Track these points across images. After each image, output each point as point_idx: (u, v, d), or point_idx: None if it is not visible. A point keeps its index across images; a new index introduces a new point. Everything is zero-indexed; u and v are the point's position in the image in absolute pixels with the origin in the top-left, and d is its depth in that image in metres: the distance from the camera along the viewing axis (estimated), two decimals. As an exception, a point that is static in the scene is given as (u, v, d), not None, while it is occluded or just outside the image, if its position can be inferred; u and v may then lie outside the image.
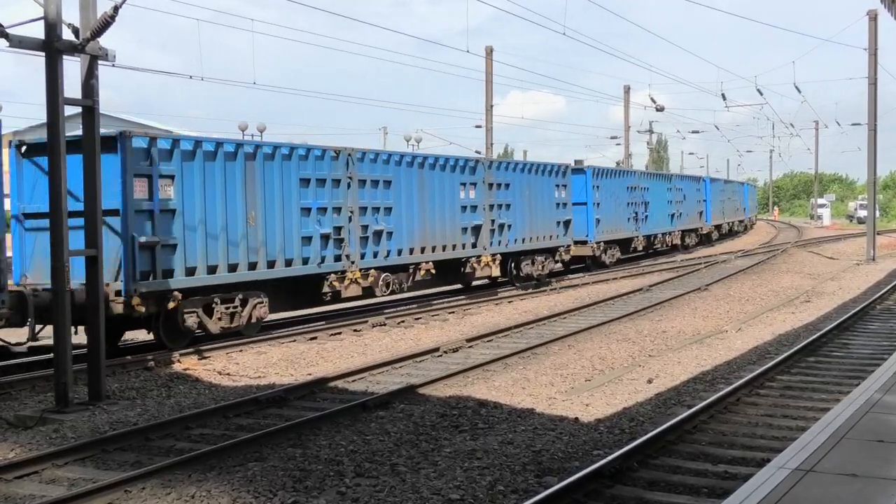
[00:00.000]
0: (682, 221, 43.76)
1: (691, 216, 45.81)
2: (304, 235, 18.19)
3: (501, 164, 26.23)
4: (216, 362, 15.35)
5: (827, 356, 14.43)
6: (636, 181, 37.10)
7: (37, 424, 11.05)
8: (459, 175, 23.54)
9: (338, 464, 8.98)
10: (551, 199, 28.14)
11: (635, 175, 37.68)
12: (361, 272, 19.65)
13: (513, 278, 26.83)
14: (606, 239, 33.16)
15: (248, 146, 17.08)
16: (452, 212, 23.15)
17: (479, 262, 24.24)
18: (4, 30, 11.15)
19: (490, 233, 24.65)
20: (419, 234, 21.75)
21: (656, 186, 39.59)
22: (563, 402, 11.70)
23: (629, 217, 35.75)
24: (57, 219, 11.74)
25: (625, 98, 52.75)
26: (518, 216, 26.12)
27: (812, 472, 6.27)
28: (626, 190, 35.45)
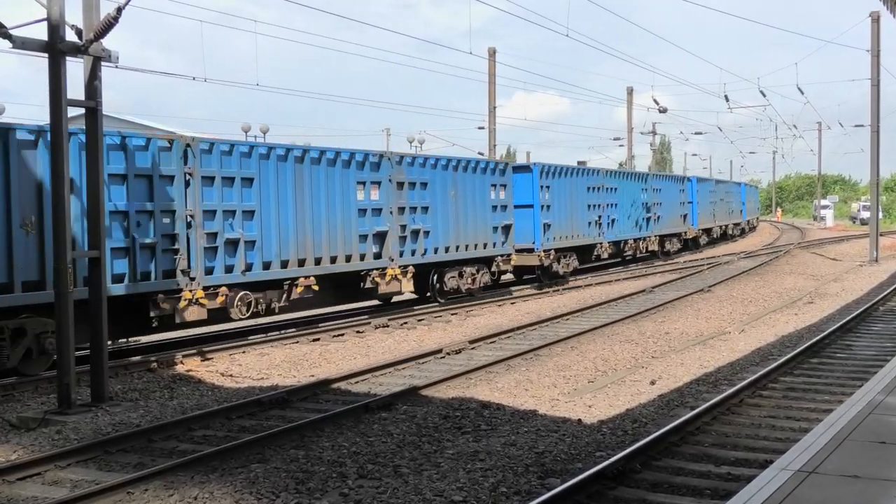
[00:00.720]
0: (661, 225, 39.36)
1: (673, 219, 41.58)
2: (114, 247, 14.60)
3: (416, 159, 22.15)
4: (219, 363, 15.36)
5: (830, 357, 14.41)
6: (600, 181, 32.65)
7: (39, 426, 11.07)
8: (357, 172, 19.86)
9: (340, 465, 8.98)
10: (486, 200, 24.50)
11: (599, 174, 32.97)
12: (207, 291, 16.19)
13: (435, 294, 23.16)
14: (560, 246, 28.91)
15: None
16: (347, 216, 19.46)
17: (384, 275, 20.54)
18: (7, 31, 11.17)
19: (400, 240, 20.95)
20: (296, 242, 18.11)
21: (627, 187, 35.22)
22: (566, 404, 11.69)
23: (591, 221, 31.42)
24: (60, 221, 11.75)
25: (628, 100, 52.73)
26: (440, 221, 22.40)
27: (814, 474, 6.26)
28: (586, 191, 31.17)
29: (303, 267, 18.28)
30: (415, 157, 22.21)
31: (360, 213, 19.89)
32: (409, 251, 21.27)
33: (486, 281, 24.62)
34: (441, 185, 22.54)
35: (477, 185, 24.10)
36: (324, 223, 18.79)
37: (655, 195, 38.72)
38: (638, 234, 36.53)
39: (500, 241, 25.16)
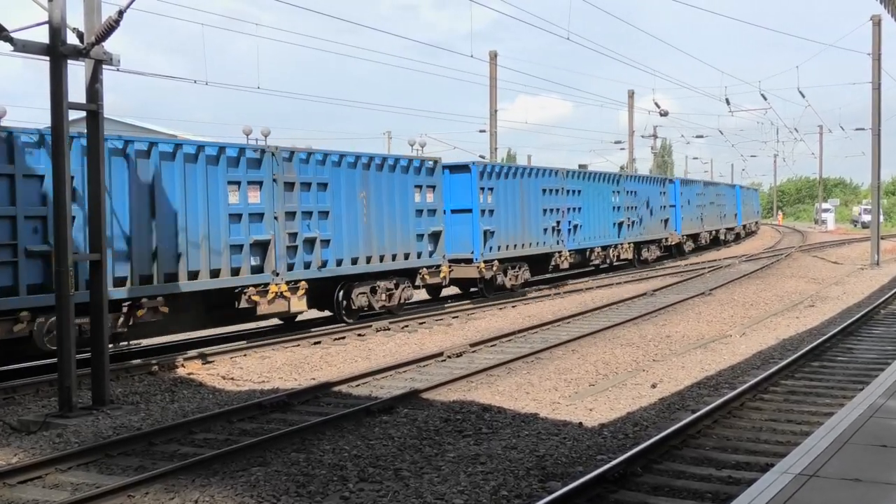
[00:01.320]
0: (637, 231, 36.06)
1: (652, 225, 38.11)
2: None
3: (313, 155, 18.91)
4: (220, 367, 15.36)
5: (831, 361, 14.40)
6: (558, 182, 29.16)
7: (40, 429, 11.07)
8: (230, 171, 16.92)
9: (341, 469, 8.98)
10: (408, 204, 21.40)
11: (557, 175, 29.27)
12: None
13: (341, 313, 19.78)
14: (506, 256, 25.77)
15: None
16: (216, 223, 16.55)
17: (266, 292, 17.51)
18: (9, 34, 11.18)
19: (288, 251, 18.04)
20: (141, 257, 15.21)
21: (594, 189, 31.86)
22: (567, 407, 11.68)
23: (547, 227, 28.11)
24: (61, 223, 11.76)
25: (629, 103, 52.77)
26: (345, 227, 19.38)
27: (815, 477, 6.26)
28: (540, 193, 27.83)
29: (147, 286, 15.37)
30: (311, 152, 18.95)
31: (232, 219, 16.89)
32: (301, 263, 18.32)
33: (406, 297, 21.45)
34: (347, 186, 19.51)
35: (396, 186, 21.02)
36: (182, 232, 15.96)
37: (630, 198, 35.33)
38: (608, 240, 33.04)
39: (428, 251, 22.09)
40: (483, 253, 24.49)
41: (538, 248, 27.85)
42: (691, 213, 45.34)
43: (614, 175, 34.84)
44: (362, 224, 19.98)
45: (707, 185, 51.92)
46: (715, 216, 51.34)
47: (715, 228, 51.18)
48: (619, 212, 34.29)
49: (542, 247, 28.05)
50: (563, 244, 29.19)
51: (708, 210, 49.17)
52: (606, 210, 33.14)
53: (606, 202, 33.15)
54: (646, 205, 37.21)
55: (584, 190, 31.02)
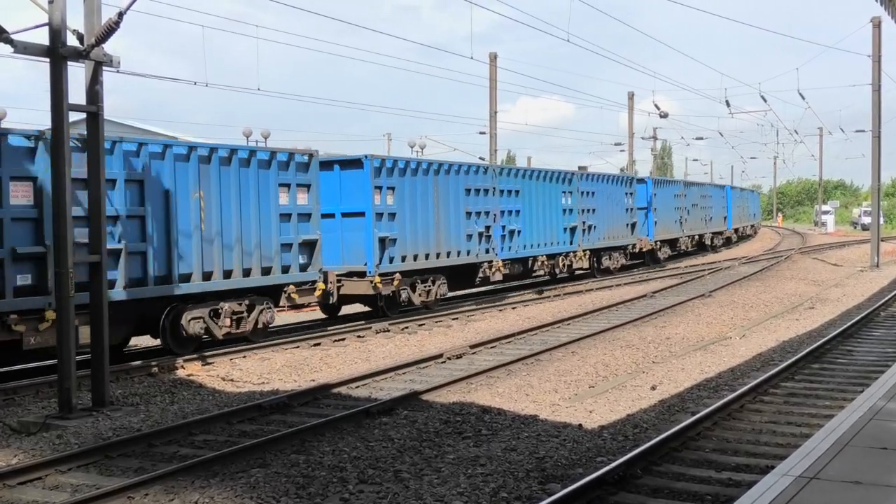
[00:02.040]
0: (595, 237, 32.16)
1: (615, 230, 34.13)
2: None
3: (119, 146, 15.03)
4: (220, 368, 15.36)
5: (831, 363, 14.40)
6: (487, 181, 25.08)
7: (40, 430, 11.07)
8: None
9: (341, 470, 8.98)
10: (270, 207, 17.85)
11: (486, 173, 25.36)
12: None
13: (168, 341, 16.17)
14: (414, 268, 22.19)
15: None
16: None
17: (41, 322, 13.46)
18: (9, 35, 11.19)
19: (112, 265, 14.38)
20: None
21: (537, 189, 28.08)
22: (567, 409, 11.68)
23: (472, 233, 24.33)
24: (61, 225, 11.76)
25: (629, 105, 52.77)
26: (176, 236, 15.82)
27: (816, 480, 6.25)
28: (464, 194, 24.04)
29: None
30: (126, 142, 15.41)
31: None
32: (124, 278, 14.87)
33: (266, 320, 17.75)
34: (179, 185, 15.96)
35: (251, 185, 17.41)
36: None
37: (586, 200, 31.39)
38: (557, 248, 29.33)
39: (298, 264, 18.56)
40: (379, 265, 20.81)
41: (459, 259, 23.88)
42: (668, 216, 41.32)
43: (564, 174, 30.33)
44: (197, 232, 16.24)
45: (689, 185, 47.65)
46: (699, 219, 47.44)
47: (699, 233, 47.45)
48: (571, 215, 30.27)
49: (464, 256, 24.11)
50: (494, 253, 25.24)
51: (690, 213, 45.14)
52: (554, 213, 29.21)
53: (555, 204, 29.19)
54: (606, 207, 33.11)
55: (524, 190, 27.21)
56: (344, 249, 20.99)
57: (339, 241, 20.91)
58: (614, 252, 34.55)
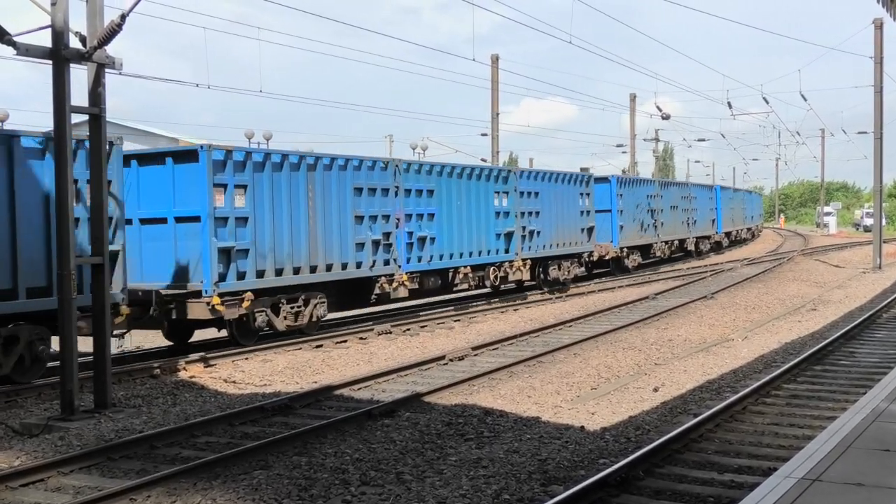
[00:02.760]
0: (539, 244, 27.47)
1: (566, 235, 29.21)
2: None
3: None
4: (222, 370, 15.36)
5: (833, 365, 14.38)
6: (386, 179, 20.85)
7: (42, 432, 11.07)
8: None
9: (343, 472, 8.97)
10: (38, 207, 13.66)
11: (384, 169, 20.91)
12: None
13: None
14: (274, 285, 17.72)
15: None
16: None
17: None
18: (12, 38, 11.21)
19: None
20: None
21: (461, 189, 23.64)
22: (569, 411, 11.68)
23: (364, 242, 19.99)
24: (63, 226, 11.78)
25: (630, 106, 52.82)
26: None
27: (818, 482, 6.25)
28: (352, 194, 19.68)
29: None
30: None
31: None
32: None
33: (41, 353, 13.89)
34: None
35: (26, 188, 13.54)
36: None
37: (527, 201, 26.86)
38: (487, 257, 24.78)
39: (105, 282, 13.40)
40: (221, 282, 16.54)
41: (346, 272, 19.55)
42: (637, 219, 36.60)
43: (498, 171, 26.18)
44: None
45: (667, 185, 42.98)
46: (680, 223, 42.92)
47: (680, 237, 42.84)
48: (506, 219, 25.67)
49: (353, 270, 19.73)
50: (395, 264, 20.96)
51: (668, 215, 40.71)
52: (484, 217, 24.71)
53: (484, 206, 24.72)
54: (556, 210, 28.50)
55: (441, 190, 22.81)
56: (178, 263, 16.80)
57: (171, 251, 16.80)
58: (565, 261, 29.36)
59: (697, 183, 54.87)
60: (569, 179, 29.90)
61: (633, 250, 36.41)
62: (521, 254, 26.28)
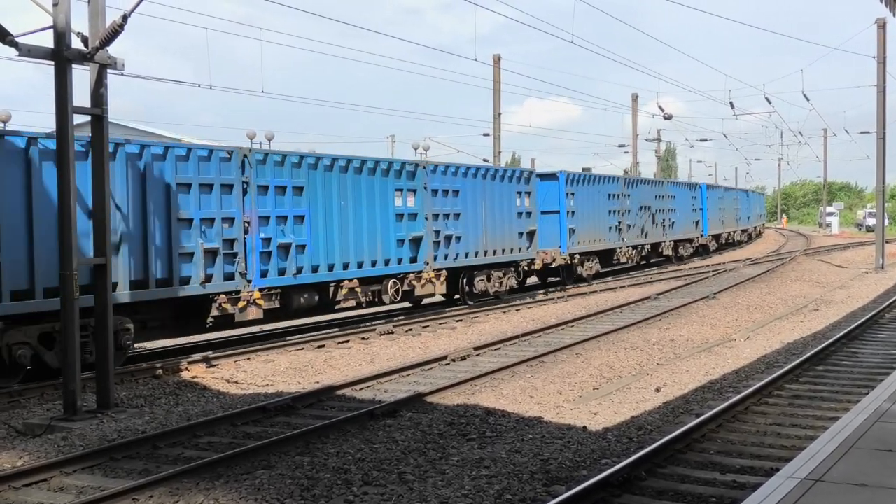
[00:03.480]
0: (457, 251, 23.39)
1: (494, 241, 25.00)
2: None
3: None
4: (224, 370, 15.37)
5: (835, 365, 14.37)
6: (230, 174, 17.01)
7: (45, 432, 11.08)
8: None
9: (345, 472, 8.98)
10: None
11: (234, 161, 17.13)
12: None
13: None
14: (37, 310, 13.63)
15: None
16: None
17: None
18: (14, 39, 11.22)
19: None
20: None
21: (348, 186, 19.88)
22: (571, 411, 11.68)
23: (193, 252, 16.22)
24: (66, 227, 11.79)
25: (632, 106, 52.79)
26: None
27: (821, 482, 6.24)
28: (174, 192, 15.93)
29: None
30: None
31: None
32: None
33: None
34: None
35: None
36: None
37: (443, 201, 22.92)
38: (386, 268, 20.94)
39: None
40: None
41: (166, 291, 15.83)
42: (595, 221, 32.05)
43: (402, 164, 21.93)
44: None
45: (636, 183, 37.49)
46: (654, 225, 38.41)
47: (654, 241, 38.50)
48: (413, 222, 21.83)
49: (177, 288, 15.99)
50: (245, 279, 17.28)
51: (637, 217, 36.29)
52: (381, 220, 20.81)
53: (382, 207, 20.84)
54: (482, 211, 24.49)
55: (315, 186, 18.94)
56: None
57: None
58: (497, 271, 25.44)
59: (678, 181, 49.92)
60: (502, 176, 25.88)
61: (590, 256, 31.77)
62: (432, 263, 22.27)
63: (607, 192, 33.43)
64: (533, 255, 27.21)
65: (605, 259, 33.84)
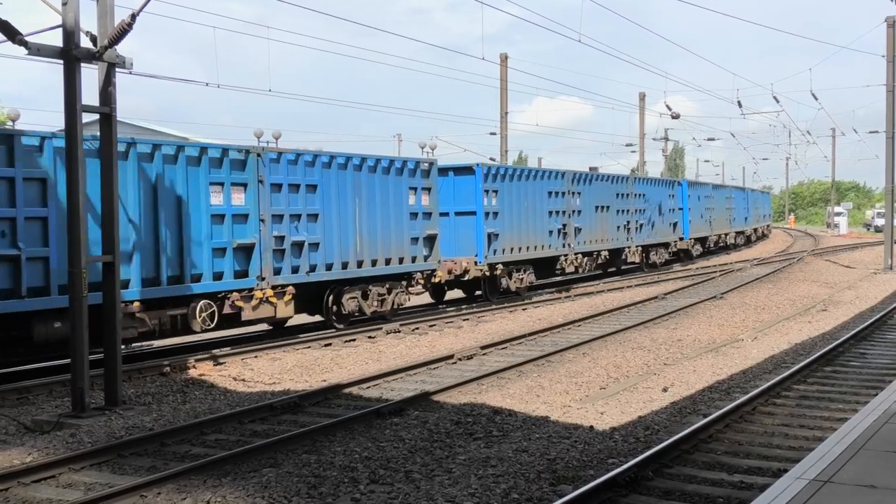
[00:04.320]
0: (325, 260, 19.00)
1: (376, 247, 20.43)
2: None
3: None
4: (231, 368, 15.40)
5: (844, 366, 14.33)
6: None
7: (54, 429, 11.12)
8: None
9: (352, 470, 8.99)
10: None
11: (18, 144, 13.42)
12: None
13: None
14: None
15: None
16: None
17: None
18: (23, 38, 11.26)
19: None
20: None
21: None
22: (578, 410, 11.67)
23: None
24: (74, 224, 11.82)
25: (640, 105, 52.73)
26: None
27: (830, 483, 6.23)
28: None
29: None
30: None
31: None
32: None
33: None
34: None
35: None
36: None
37: (289, 198, 18.22)
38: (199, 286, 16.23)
39: None
40: None
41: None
42: (526, 223, 26.84)
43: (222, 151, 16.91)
44: None
45: (591, 180, 31.76)
46: (615, 227, 33.52)
47: (613, 246, 33.23)
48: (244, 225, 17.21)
49: None
50: None
51: (591, 219, 31.31)
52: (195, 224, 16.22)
53: (195, 207, 16.23)
54: (358, 212, 19.96)
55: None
56: None
57: None
58: (376, 285, 20.49)
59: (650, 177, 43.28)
60: (386, 168, 20.91)
61: (522, 266, 26.78)
62: (269, 279, 17.57)
63: (547, 189, 28.32)
64: (433, 265, 22.22)
65: (545, 268, 28.94)
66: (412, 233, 21.56)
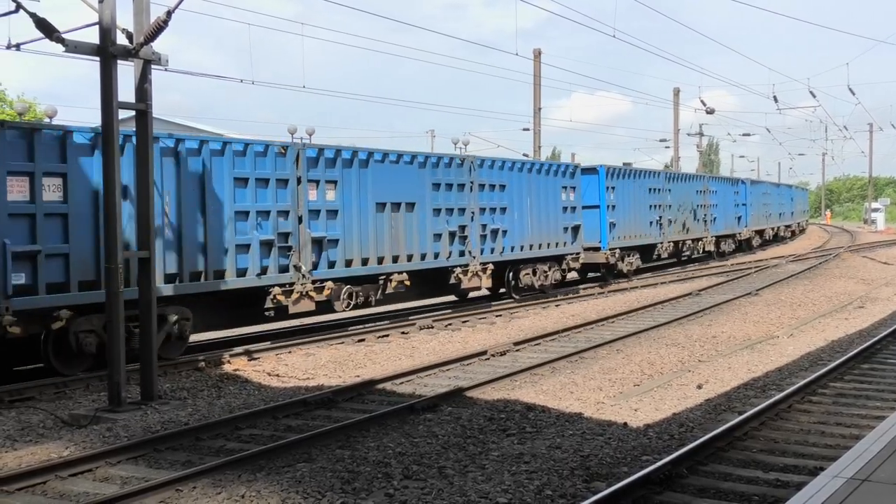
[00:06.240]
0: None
1: None
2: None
3: None
4: (265, 363, 15.50)
5: (881, 363, 14.14)
6: None
7: (90, 423, 11.25)
8: None
9: (385, 466, 9.01)
10: None
11: None
12: None
13: None
14: None
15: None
16: None
17: None
18: (61, 35, 11.40)
19: None
20: None
21: None
22: (612, 407, 11.61)
23: None
24: (112, 220, 11.95)
25: (674, 101, 52.32)
26: None
27: (868, 482, 6.15)
28: None
29: None
30: None
31: None
32: None
33: None
34: None
35: None
36: None
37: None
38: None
39: None
40: None
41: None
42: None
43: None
44: None
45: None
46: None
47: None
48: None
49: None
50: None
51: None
52: None
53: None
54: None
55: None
56: None
57: None
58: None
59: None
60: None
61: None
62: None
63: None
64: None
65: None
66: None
